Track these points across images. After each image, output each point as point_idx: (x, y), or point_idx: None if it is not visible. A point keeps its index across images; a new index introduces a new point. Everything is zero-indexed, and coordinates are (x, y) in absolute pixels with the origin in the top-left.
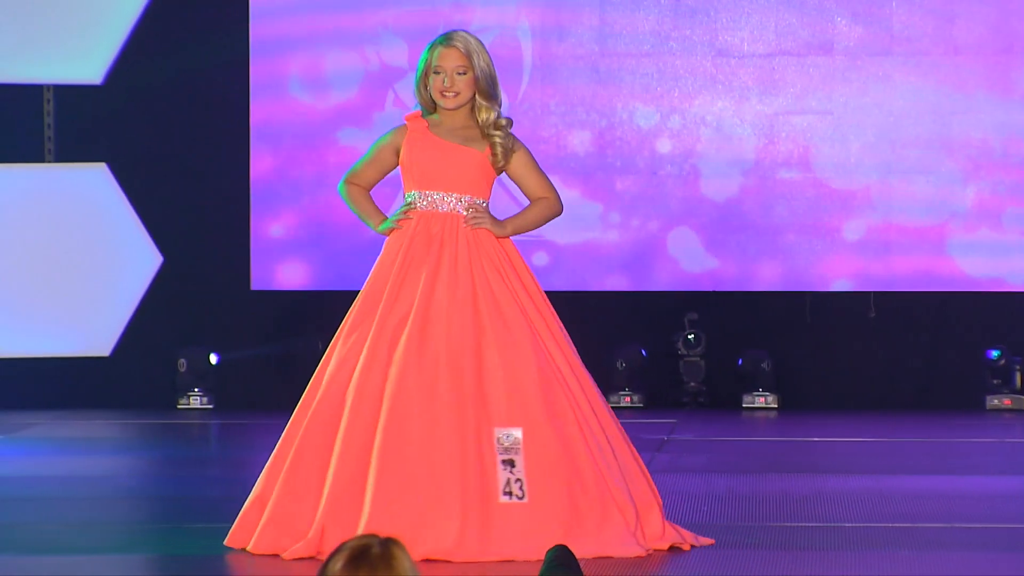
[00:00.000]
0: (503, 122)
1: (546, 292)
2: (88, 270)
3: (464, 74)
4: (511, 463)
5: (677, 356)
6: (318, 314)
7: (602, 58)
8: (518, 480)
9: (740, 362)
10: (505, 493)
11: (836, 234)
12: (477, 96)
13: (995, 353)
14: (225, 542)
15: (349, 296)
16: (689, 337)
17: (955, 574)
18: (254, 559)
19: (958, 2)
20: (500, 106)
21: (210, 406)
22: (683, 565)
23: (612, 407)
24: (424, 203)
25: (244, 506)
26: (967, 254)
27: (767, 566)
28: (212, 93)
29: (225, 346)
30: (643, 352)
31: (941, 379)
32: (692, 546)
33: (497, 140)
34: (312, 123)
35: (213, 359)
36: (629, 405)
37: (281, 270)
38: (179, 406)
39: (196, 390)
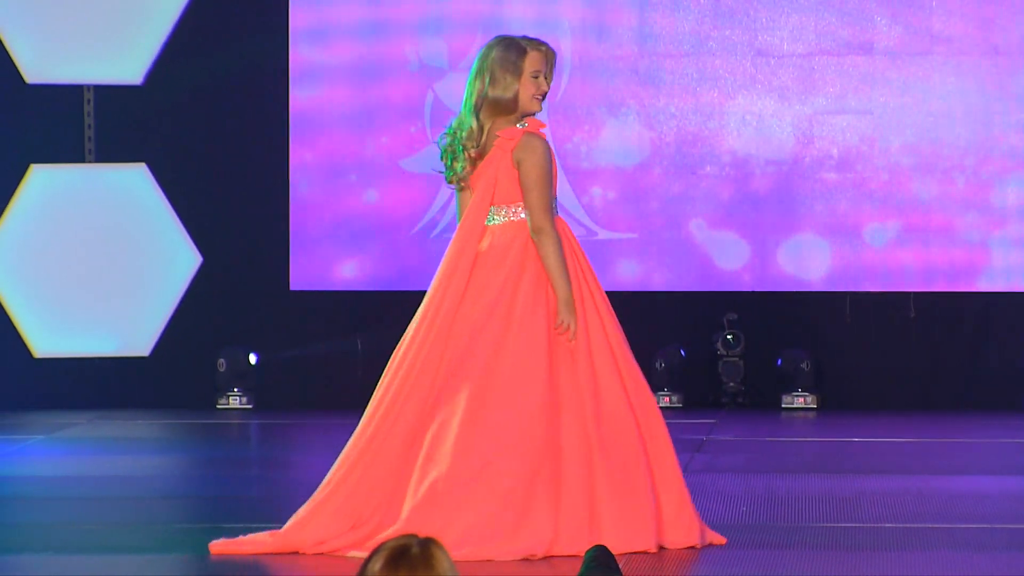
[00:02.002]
0: None
1: None
2: (127, 270)
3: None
4: None
5: (716, 356)
6: (357, 314)
7: (641, 58)
8: None
9: (779, 362)
10: None
11: (876, 234)
12: None
13: None
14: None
15: (388, 296)
16: (728, 337)
17: (996, 574)
18: (290, 559)
19: (998, 3)
20: None
21: (249, 406)
22: (720, 564)
23: None
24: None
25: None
26: (1007, 255)
27: (806, 566)
28: (251, 94)
29: (264, 346)
30: (682, 352)
31: (981, 380)
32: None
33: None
34: (351, 124)
35: (252, 359)
36: (668, 405)
37: (320, 270)
38: (218, 406)
39: (235, 390)
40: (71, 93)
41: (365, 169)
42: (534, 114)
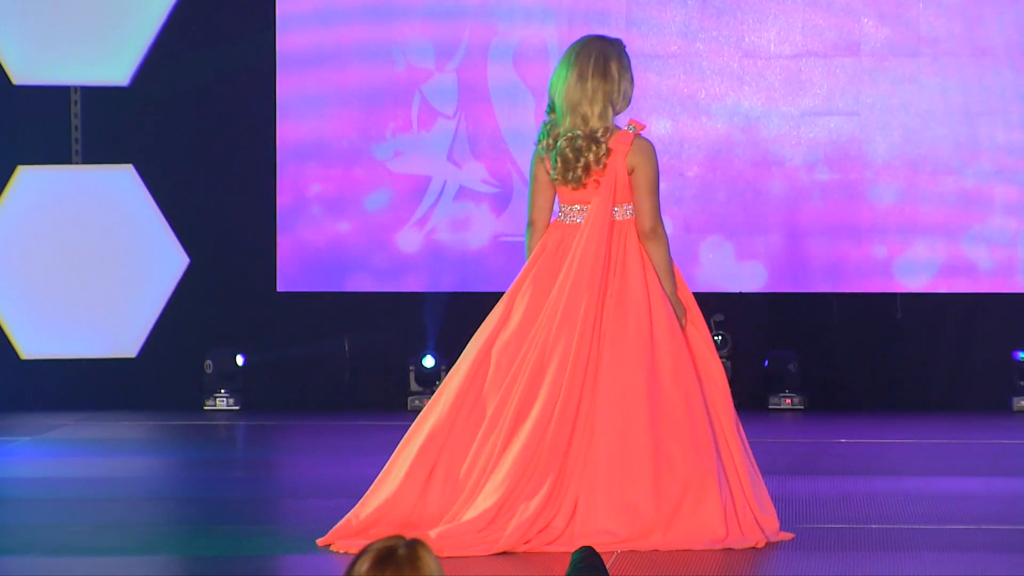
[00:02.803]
0: None
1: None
2: (115, 272)
3: None
4: None
5: None
6: (344, 316)
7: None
8: None
9: (766, 363)
10: None
11: (862, 235)
12: None
13: (1022, 354)
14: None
15: (376, 297)
16: (715, 338)
17: (982, 575)
18: (281, 560)
19: (986, 3)
20: None
21: (236, 407)
22: (707, 564)
23: None
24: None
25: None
26: (995, 255)
27: (792, 566)
28: (238, 95)
29: (251, 347)
30: None
31: (968, 381)
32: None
33: None
34: (339, 124)
35: (239, 360)
36: None
37: (307, 271)
38: (205, 407)
39: (222, 391)
40: (58, 94)
41: (353, 170)
42: None
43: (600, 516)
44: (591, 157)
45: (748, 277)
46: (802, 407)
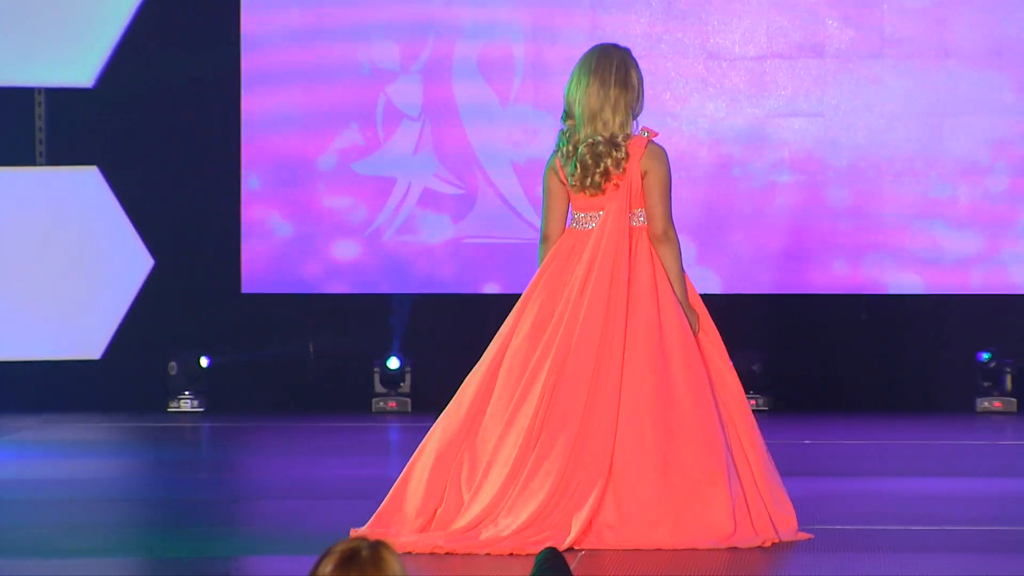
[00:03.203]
0: None
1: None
2: (79, 273)
3: None
4: None
5: None
6: (309, 318)
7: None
8: None
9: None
10: None
11: (827, 237)
12: None
13: (986, 356)
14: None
15: (341, 299)
16: None
17: (951, 575)
18: (246, 562)
19: (949, 6)
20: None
21: (201, 409)
22: (678, 564)
23: None
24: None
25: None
26: (957, 257)
27: (757, 567)
28: (203, 96)
29: (216, 349)
30: None
31: (932, 382)
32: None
33: None
34: (304, 127)
35: (204, 362)
36: None
37: (272, 273)
38: (170, 409)
39: (187, 393)
40: (22, 96)
41: (317, 172)
42: None
43: (607, 513)
44: (610, 162)
45: (711, 278)
46: (767, 408)
